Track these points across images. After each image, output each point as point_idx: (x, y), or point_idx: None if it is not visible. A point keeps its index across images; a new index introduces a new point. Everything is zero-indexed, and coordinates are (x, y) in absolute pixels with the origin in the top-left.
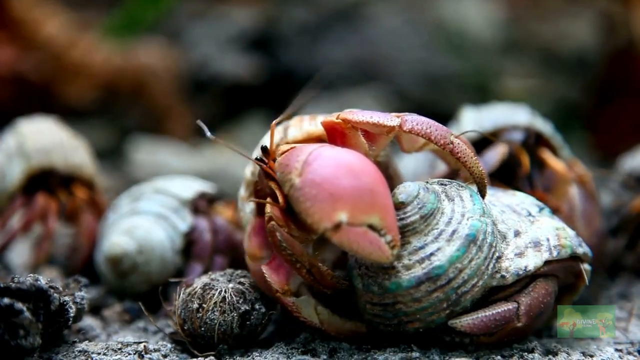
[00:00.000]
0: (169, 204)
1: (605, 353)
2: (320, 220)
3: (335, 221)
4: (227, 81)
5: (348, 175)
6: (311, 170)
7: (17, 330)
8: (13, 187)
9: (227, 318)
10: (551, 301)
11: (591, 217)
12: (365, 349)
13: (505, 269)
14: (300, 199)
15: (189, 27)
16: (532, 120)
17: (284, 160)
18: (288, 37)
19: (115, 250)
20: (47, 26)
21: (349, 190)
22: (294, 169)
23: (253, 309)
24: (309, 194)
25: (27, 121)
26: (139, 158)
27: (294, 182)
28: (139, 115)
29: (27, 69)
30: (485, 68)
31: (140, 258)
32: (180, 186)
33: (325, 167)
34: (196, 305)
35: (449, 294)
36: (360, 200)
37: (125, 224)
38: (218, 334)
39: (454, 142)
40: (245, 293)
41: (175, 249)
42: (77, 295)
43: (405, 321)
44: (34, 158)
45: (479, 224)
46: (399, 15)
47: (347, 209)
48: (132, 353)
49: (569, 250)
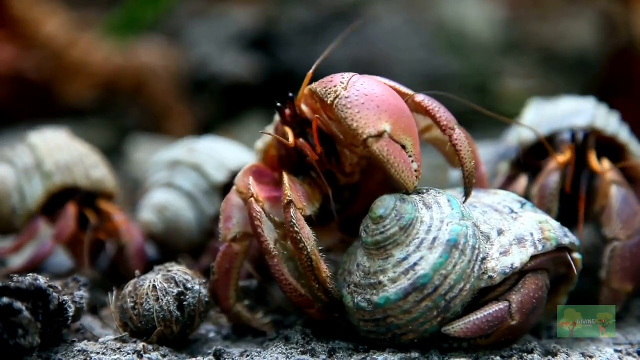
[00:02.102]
0: (201, 186)
1: (604, 354)
2: (365, 126)
3: (380, 130)
4: (226, 80)
5: (392, 95)
6: (357, 85)
7: (16, 329)
8: (35, 205)
9: (162, 304)
10: (544, 295)
11: (630, 219)
12: (363, 349)
13: (492, 269)
14: (347, 105)
15: (188, 26)
16: (592, 120)
17: (327, 79)
18: (288, 36)
19: (145, 229)
20: (47, 25)
21: (393, 107)
22: (339, 83)
23: (186, 289)
24: (357, 102)
25: (39, 134)
26: (139, 157)
27: (339, 93)
28: (138, 114)
29: (27, 68)
30: (486, 68)
31: (168, 238)
32: (216, 165)
33: (371, 84)
34: (131, 303)
35: (437, 301)
36: (401, 119)
37: (159, 198)
38: (159, 322)
39: (456, 130)
40: (174, 277)
41: (202, 231)
42: (76, 294)
43: (399, 334)
44: (55, 176)
45: (460, 228)
46: (399, 15)
47: (391, 122)
48: (131, 352)
49: (554, 242)
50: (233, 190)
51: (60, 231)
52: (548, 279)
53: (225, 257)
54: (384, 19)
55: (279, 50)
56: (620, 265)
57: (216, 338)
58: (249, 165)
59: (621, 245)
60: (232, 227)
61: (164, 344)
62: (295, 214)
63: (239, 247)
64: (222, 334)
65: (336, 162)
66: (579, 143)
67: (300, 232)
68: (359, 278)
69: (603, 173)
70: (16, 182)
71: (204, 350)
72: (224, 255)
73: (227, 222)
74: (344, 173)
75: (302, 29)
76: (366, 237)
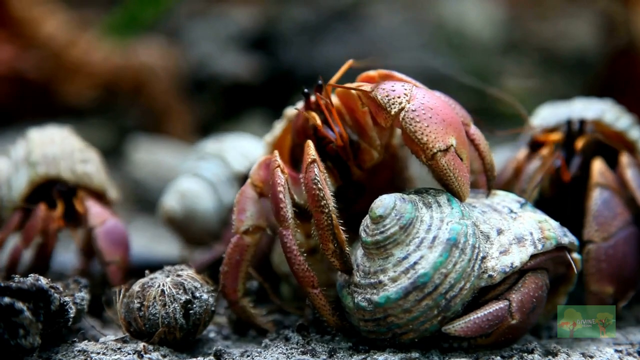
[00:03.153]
0: (222, 175)
1: (605, 354)
2: (435, 140)
3: (448, 144)
4: (226, 80)
5: (450, 109)
6: (420, 97)
7: (17, 329)
8: (18, 196)
9: (168, 310)
10: (543, 294)
11: (607, 222)
12: (364, 349)
13: (491, 268)
14: (415, 119)
15: (188, 26)
16: (600, 115)
17: (387, 86)
18: (287, 36)
19: (166, 213)
20: (46, 25)
21: (455, 121)
22: (402, 95)
23: (194, 297)
24: (425, 115)
25: (39, 129)
26: (139, 157)
27: (404, 105)
28: (138, 114)
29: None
30: (485, 68)
31: (186, 223)
32: (238, 156)
33: (430, 97)
34: (137, 304)
35: (437, 300)
36: (461, 133)
37: (181, 185)
38: (163, 327)
39: (472, 126)
40: (183, 284)
41: (220, 220)
42: (77, 295)
43: (399, 333)
44: (40, 166)
45: (459, 227)
46: (399, 14)
47: (455, 136)
48: (131, 353)
49: (553, 241)
50: (247, 183)
51: (26, 233)
52: (547, 279)
53: (236, 249)
54: (383, 19)
55: (279, 50)
56: (596, 267)
57: (216, 338)
58: (262, 158)
59: (595, 248)
60: (245, 220)
61: (164, 344)
62: (319, 172)
63: (250, 239)
64: (222, 333)
65: (354, 156)
66: (574, 130)
67: (323, 189)
68: (359, 278)
69: (590, 176)
70: (7, 174)
71: (204, 350)
72: (235, 247)
73: (240, 214)
74: (360, 167)
75: (302, 28)
76: (366, 236)
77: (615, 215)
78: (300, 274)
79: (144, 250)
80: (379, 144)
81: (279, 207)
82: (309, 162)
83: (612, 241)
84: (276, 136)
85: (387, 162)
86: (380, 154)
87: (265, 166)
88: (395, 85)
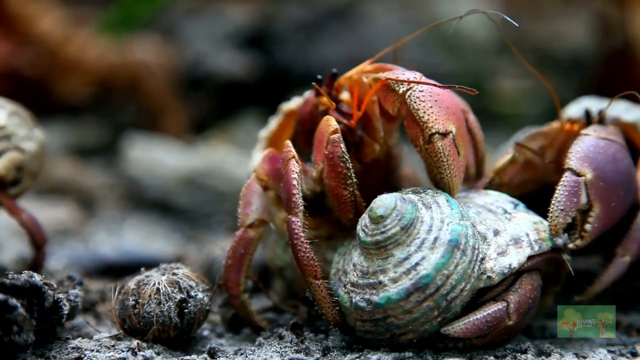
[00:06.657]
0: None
1: (598, 354)
2: (435, 122)
3: (448, 129)
4: (222, 78)
5: (458, 103)
6: (427, 85)
7: (10, 326)
8: None
9: (163, 309)
10: (538, 295)
11: None
12: (357, 348)
13: (490, 270)
14: (420, 98)
15: (184, 24)
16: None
17: (398, 70)
18: (283, 34)
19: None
20: (42, 22)
21: (458, 113)
22: (412, 77)
23: (189, 296)
24: (430, 97)
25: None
26: (134, 155)
27: (413, 86)
28: (133, 111)
29: (21, 65)
30: (480, 68)
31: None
32: None
33: (438, 87)
34: (132, 302)
35: (439, 301)
36: (462, 127)
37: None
38: (157, 326)
39: (470, 114)
40: (179, 282)
41: None
42: (71, 292)
43: (397, 334)
44: None
45: (460, 228)
46: (395, 13)
47: (456, 126)
48: (125, 350)
49: (549, 243)
50: (253, 177)
51: None
52: (541, 279)
53: (240, 242)
54: (379, 18)
55: (275, 49)
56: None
57: (210, 336)
58: (266, 152)
59: None
60: (250, 213)
61: (158, 342)
62: (345, 150)
63: (255, 233)
64: (216, 331)
65: (355, 149)
66: (593, 118)
67: (350, 166)
68: (356, 278)
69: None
70: None
71: (198, 348)
72: (240, 240)
73: (246, 207)
74: (359, 161)
75: (298, 27)
76: (365, 236)
77: None
78: (304, 262)
79: (139, 248)
80: (381, 137)
81: (292, 193)
82: (330, 131)
83: None
84: (272, 131)
85: (382, 160)
86: (382, 149)
87: (269, 160)
88: (406, 72)
